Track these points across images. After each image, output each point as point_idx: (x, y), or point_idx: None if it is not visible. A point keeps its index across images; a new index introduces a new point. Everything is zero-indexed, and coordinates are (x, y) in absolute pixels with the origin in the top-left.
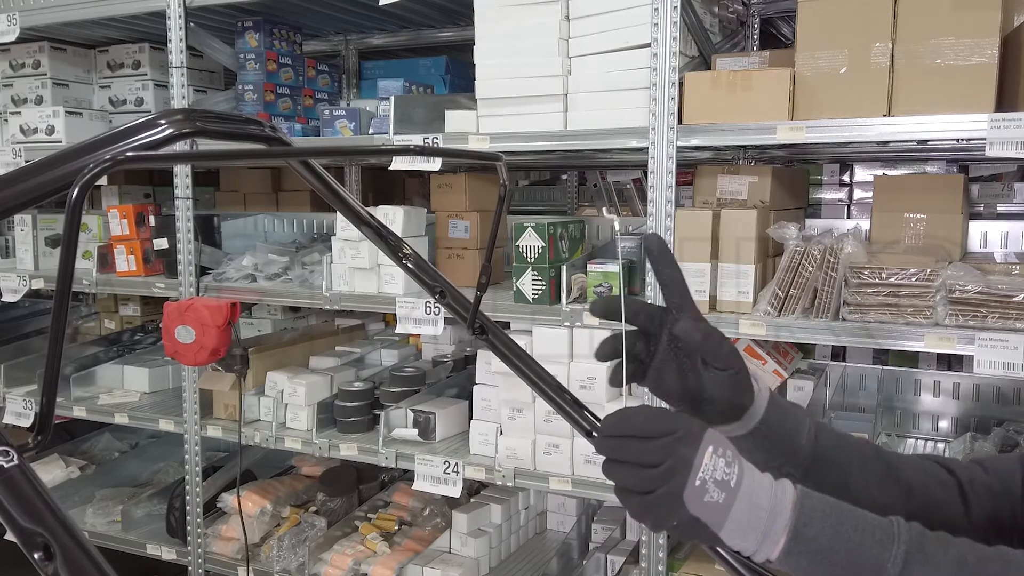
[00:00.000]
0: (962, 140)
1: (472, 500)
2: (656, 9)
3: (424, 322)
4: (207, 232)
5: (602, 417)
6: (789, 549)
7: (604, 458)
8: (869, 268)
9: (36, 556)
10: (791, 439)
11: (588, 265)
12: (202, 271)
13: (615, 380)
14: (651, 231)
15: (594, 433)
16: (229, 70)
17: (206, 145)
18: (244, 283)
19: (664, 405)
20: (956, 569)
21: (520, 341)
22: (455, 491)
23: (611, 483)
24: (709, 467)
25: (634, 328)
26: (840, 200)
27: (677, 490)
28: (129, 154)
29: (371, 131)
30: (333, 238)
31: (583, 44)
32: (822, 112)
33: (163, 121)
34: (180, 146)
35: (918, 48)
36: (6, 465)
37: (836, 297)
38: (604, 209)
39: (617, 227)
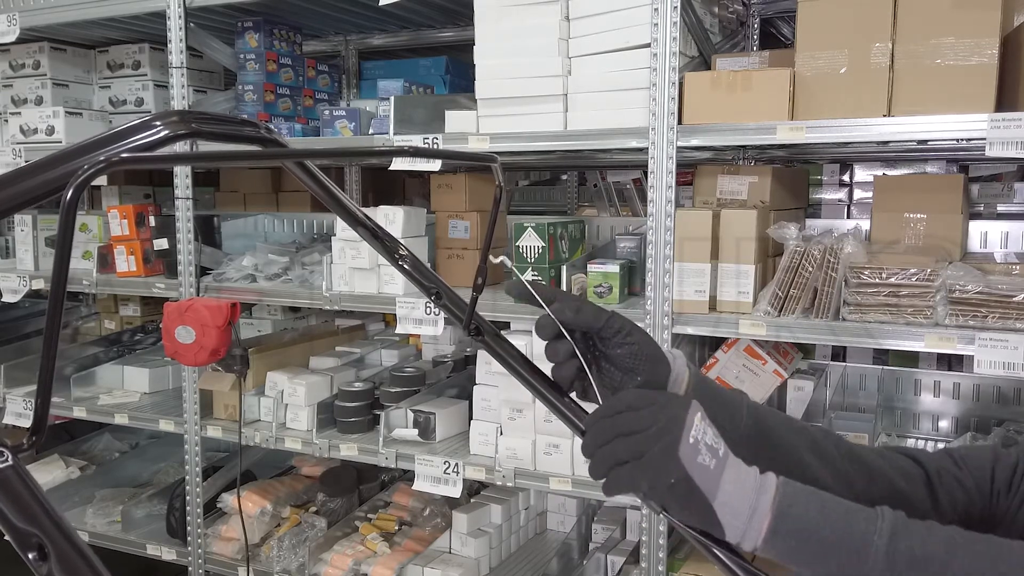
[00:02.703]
0: (962, 140)
1: (472, 500)
2: (656, 9)
3: (424, 322)
4: (207, 232)
5: None
6: (776, 527)
7: (593, 452)
8: (869, 268)
9: (30, 556)
10: (728, 412)
11: (588, 265)
12: (202, 271)
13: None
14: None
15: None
16: (229, 70)
17: (205, 146)
18: (244, 283)
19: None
20: (945, 547)
21: (520, 342)
22: (455, 491)
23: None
24: (700, 429)
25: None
26: (840, 200)
27: (672, 445)
28: (124, 155)
29: (371, 131)
30: (333, 238)
31: (583, 44)
32: (822, 112)
33: (159, 123)
34: (180, 147)
35: (918, 48)
36: (0, 466)
37: (836, 297)
38: (504, 259)
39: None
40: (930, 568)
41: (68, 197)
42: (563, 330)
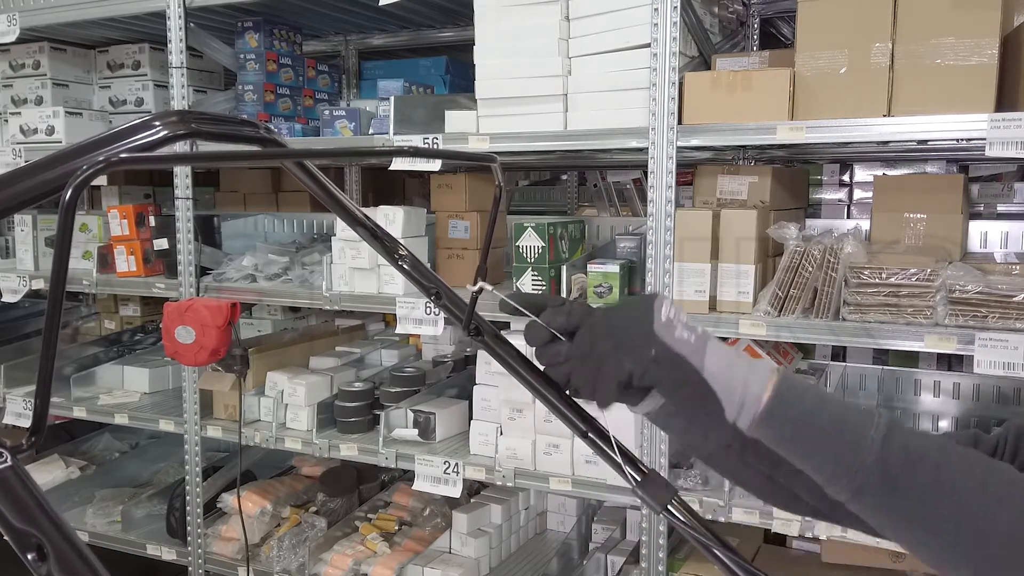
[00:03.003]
0: (962, 140)
1: (472, 500)
2: (656, 9)
3: (424, 322)
4: (207, 232)
5: (599, 421)
6: (772, 408)
7: (577, 366)
8: (869, 268)
9: (29, 557)
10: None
11: (588, 265)
12: (202, 271)
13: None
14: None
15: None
16: (229, 70)
17: (204, 146)
18: (244, 283)
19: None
20: (938, 452)
21: (520, 342)
22: (455, 491)
23: (608, 482)
24: (671, 309)
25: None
26: (840, 200)
27: (647, 326)
28: (123, 155)
29: (371, 131)
30: (333, 238)
31: (583, 44)
32: (822, 112)
33: (158, 123)
34: (180, 147)
35: (918, 48)
36: None
37: (836, 297)
38: (482, 285)
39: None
40: (922, 469)
41: (67, 197)
42: (557, 335)
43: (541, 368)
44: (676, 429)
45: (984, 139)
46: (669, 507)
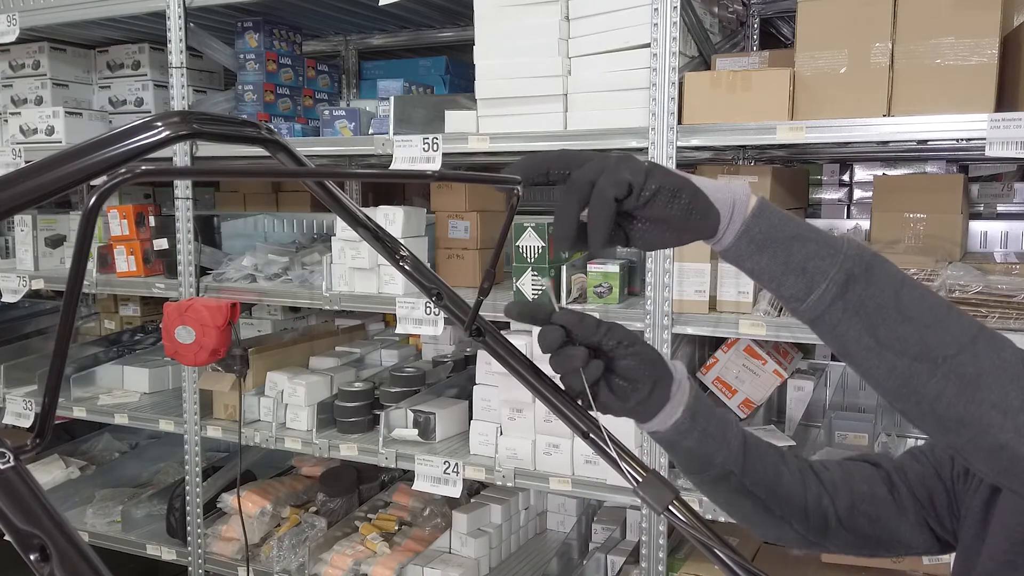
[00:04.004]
0: (962, 140)
1: (472, 500)
2: (656, 9)
3: (424, 322)
4: (207, 232)
5: (600, 423)
6: (761, 207)
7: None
8: None
9: (32, 558)
10: (724, 424)
11: (588, 265)
12: (202, 271)
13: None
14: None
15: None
16: (229, 70)
17: (205, 147)
18: (244, 283)
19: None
20: (903, 278)
21: (520, 341)
22: (455, 491)
23: (608, 482)
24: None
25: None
26: (840, 200)
27: (639, 161)
28: (144, 168)
29: (371, 131)
30: (333, 238)
31: (583, 44)
32: (822, 112)
33: (160, 123)
34: (181, 148)
35: (918, 48)
36: (2, 467)
37: None
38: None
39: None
40: (890, 271)
41: (91, 205)
42: (570, 340)
43: (550, 375)
44: (684, 450)
45: (984, 139)
46: (670, 507)
